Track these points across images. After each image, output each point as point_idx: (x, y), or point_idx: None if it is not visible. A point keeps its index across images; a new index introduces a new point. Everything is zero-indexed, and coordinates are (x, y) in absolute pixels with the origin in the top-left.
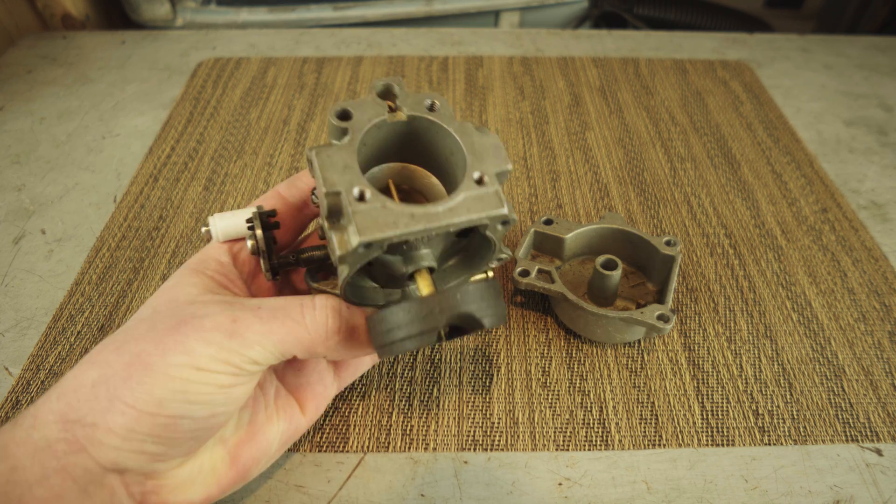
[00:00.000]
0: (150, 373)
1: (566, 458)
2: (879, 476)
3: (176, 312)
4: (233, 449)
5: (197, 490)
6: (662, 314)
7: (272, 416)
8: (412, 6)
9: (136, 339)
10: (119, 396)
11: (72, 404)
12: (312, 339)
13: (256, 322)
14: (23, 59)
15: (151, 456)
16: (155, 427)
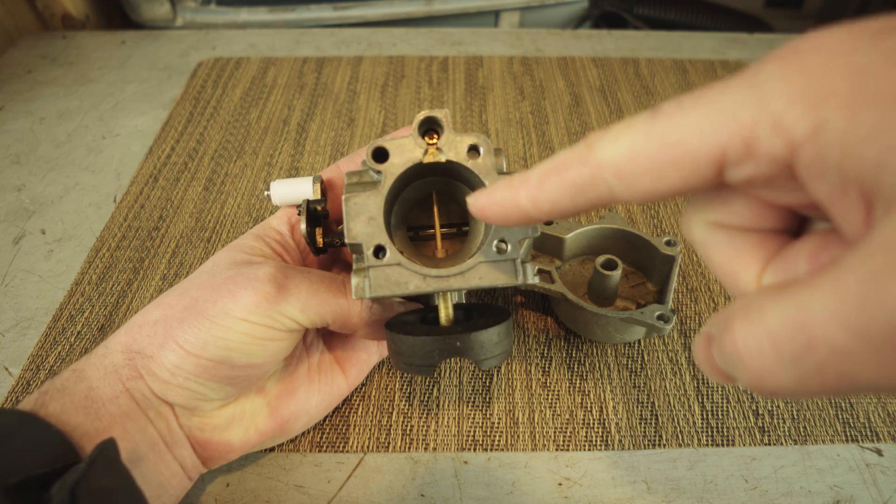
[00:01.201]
0: (201, 318)
1: (566, 458)
2: (879, 476)
3: (234, 266)
4: (273, 400)
5: (237, 433)
6: (662, 314)
7: (314, 377)
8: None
9: (197, 286)
10: (172, 336)
11: (136, 337)
12: (349, 314)
13: (305, 282)
14: (23, 59)
15: (193, 394)
16: (197, 368)
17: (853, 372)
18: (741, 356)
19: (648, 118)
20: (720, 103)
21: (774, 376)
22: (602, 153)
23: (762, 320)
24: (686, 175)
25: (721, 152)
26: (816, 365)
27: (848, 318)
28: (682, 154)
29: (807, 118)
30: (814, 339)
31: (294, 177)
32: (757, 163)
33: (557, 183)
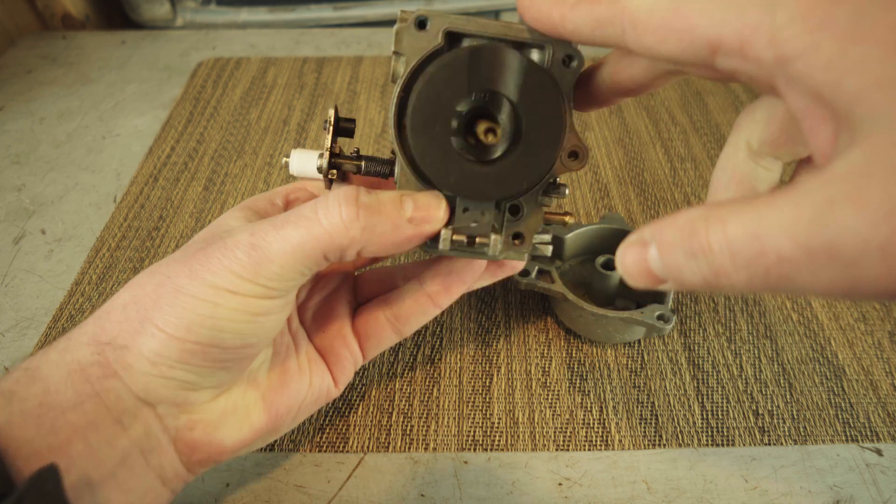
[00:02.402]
0: (180, 295)
1: (566, 458)
2: (879, 476)
3: (207, 238)
4: (266, 393)
5: (231, 431)
6: (662, 314)
7: (304, 369)
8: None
9: (168, 262)
10: (150, 318)
11: (104, 326)
12: (331, 232)
13: (271, 230)
14: (23, 59)
15: (181, 384)
16: (183, 353)
17: (792, 276)
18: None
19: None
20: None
21: (729, 275)
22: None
23: (724, 228)
24: (683, 47)
25: (718, 40)
26: (764, 268)
27: (797, 233)
28: (687, 27)
29: (802, 38)
30: (766, 247)
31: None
32: (744, 61)
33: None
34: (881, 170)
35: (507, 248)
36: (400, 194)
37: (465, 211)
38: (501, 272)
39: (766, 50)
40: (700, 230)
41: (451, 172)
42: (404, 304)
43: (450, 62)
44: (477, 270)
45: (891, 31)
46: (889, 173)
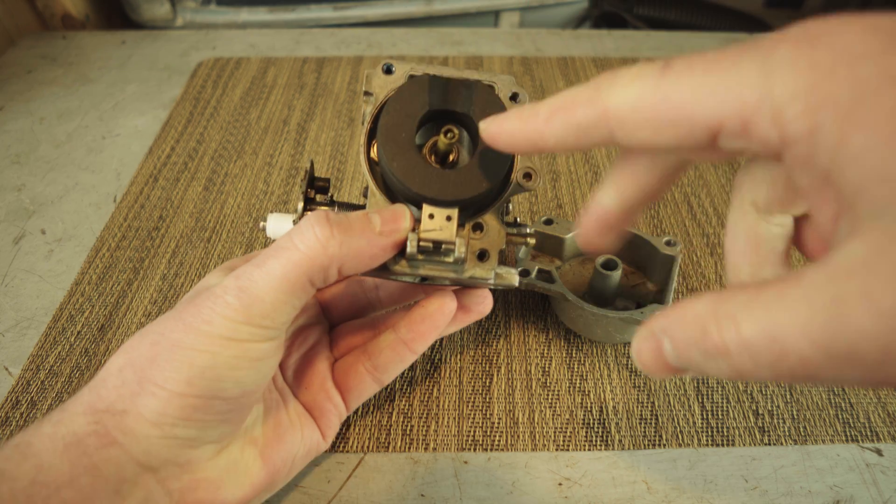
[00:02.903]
0: (177, 349)
1: (566, 458)
2: (879, 476)
3: (194, 294)
4: (263, 449)
5: (233, 488)
6: None
7: (294, 422)
8: (412, 6)
9: (159, 321)
10: (148, 377)
11: (100, 393)
12: (310, 255)
13: (254, 269)
14: (23, 59)
15: (183, 441)
16: (185, 409)
17: (817, 374)
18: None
19: (659, 73)
20: (728, 75)
21: (751, 373)
22: (609, 99)
23: (737, 328)
24: (681, 136)
25: (719, 124)
26: (788, 369)
27: (815, 336)
28: (682, 116)
29: (805, 119)
30: (786, 350)
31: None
32: (749, 142)
33: (564, 120)
34: (887, 269)
35: (473, 264)
36: (366, 211)
37: (431, 217)
38: (468, 317)
39: (771, 129)
40: (711, 330)
41: (417, 174)
42: (382, 354)
43: (414, 83)
44: (447, 313)
45: (891, 116)
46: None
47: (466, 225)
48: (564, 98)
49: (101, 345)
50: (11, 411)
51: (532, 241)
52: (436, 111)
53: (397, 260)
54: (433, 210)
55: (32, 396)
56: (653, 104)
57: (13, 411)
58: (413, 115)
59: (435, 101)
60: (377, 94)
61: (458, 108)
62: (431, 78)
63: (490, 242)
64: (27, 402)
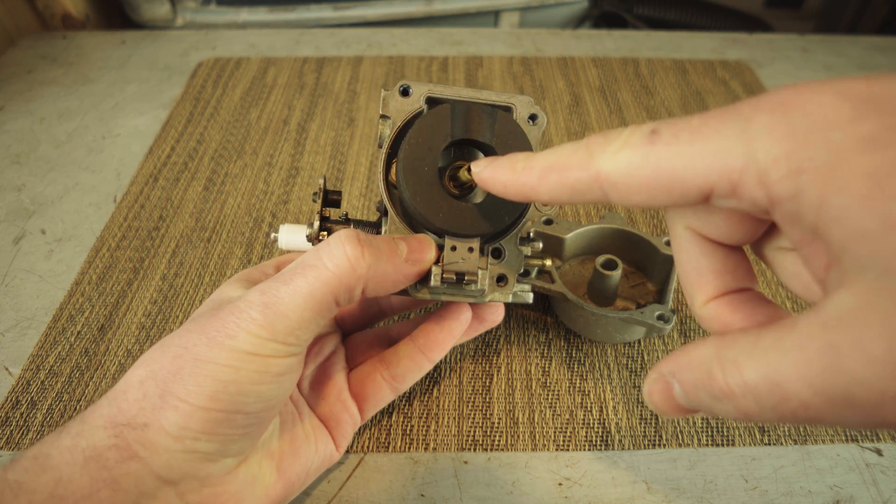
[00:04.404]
0: (200, 363)
1: (566, 458)
2: (879, 476)
3: (213, 308)
4: (279, 462)
5: (251, 502)
6: (662, 314)
7: (310, 435)
8: (412, 6)
9: (180, 333)
10: (170, 391)
11: (121, 406)
12: (339, 274)
13: (282, 286)
14: (23, 59)
15: (204, 456)
16: (208, 423)
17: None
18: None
19: (647, 141)
20: (713, 143)
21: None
22: (601, 164)
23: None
24: (675, 199)
25: (709, 187)
26: (791, 412)
27: (813, 381)
28: (674, 182)
29: (787, 182)
30: (787, 394)
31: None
32: (739, 201)
33: (557, 180)
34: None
35: (493, 289)
36: (393, 237)
37: (454, 249)
38: (482, 326)
39: (758, 190)
40: (717, 374)
41: (441, 209)
42: (401, 364)
43: (435, 114)
44: (464, 322)
45: (863, 178)
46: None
47: (486, 249)
48: (558, 157)
49: (101, 345)
50: (11, 411)
51: (549, 262)
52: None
53: (418, 287)
54: (455, 242)
55: (32, 396)
56: (644, 172)
57: (13, 411)
58: (435, 148)
59: (457, 132)
60: (394, 117)
61: (479, 138)
62: (453, 106)
63: (509, 269)
64: (27, 402)
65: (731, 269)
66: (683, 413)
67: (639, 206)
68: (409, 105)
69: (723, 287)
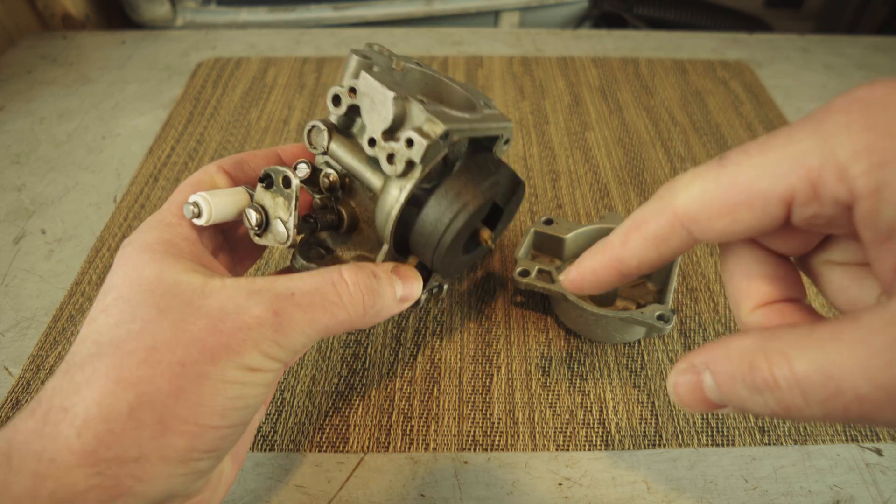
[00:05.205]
0: (207, 382)
1: (566, 458)
2: (879, 476)
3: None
4: (236, 451)
5: (217, 499)
6: (662, 314)
7: None
8: (412, 6)
9: (167, 344)
10: (173, 415)
11: (103, 440)
12: (352, 319)
13: (298, 312)
14: (23, 59)
15: (200, 474)
16: (215, 441)
17: (873, 414)
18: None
19: (715, 166)
20: (787, 149)
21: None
22: (676, 200)
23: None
24: (758, 215)
25: (790, 193)
26: (842, 406)
27: (875, 375)
28: (753, 195)
29: (869, 177)
30: (842, 388)
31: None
32: (821, 204)
33: (640, 238)
34: None
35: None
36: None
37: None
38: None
39: (839, 187)
40: (761, 365)
41: (452, 268)
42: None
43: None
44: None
45: None
46: None
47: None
48: (632, 220)
49: None
50: (11, 411)
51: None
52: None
53: None
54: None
55: (32, 397)
56: (721, 192)
57: (13, 411)
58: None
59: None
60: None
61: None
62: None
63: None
64: (27, 402)
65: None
66: (709, 408)
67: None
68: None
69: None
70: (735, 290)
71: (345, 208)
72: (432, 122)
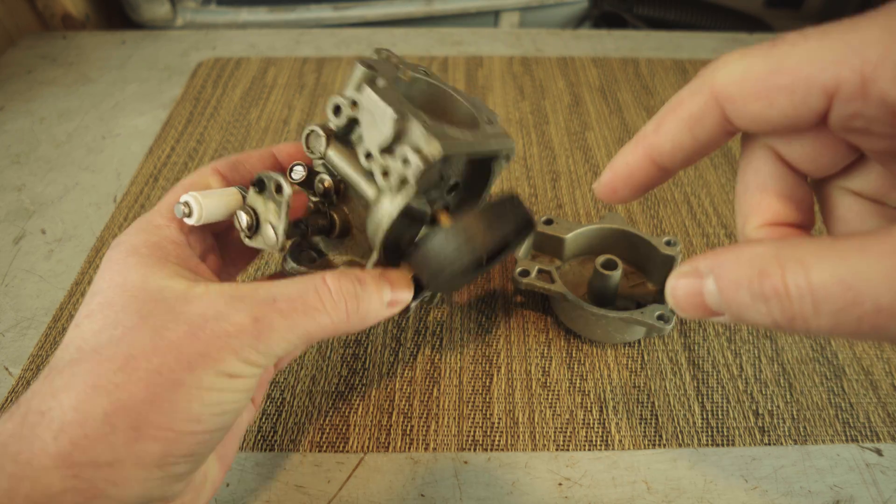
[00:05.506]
0: (182, 389)
1: (566, 458)
2: (879, 476)
3: (176, 313)
4: (222, 454)
5: (203, 499)
6: (662, 314)
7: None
8: (412, 6)
9: (145, 352)
10: (147, 422)
11: (78, 444)
12: (335, 324)
13: (278, 318)
14: (23, 59)
15: (177, 477)
16: (192, 446)
17: (889, 326)
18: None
19: (768, 46)
20: (848, 36)
21: (808, 321)
22: (716, 77)
23: (806, 272)
24: (797, 103)
25: (836, 84)
26: (857, 318)
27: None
28: (797, 79)
29: None
30: (861, 297)
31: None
32: (866, 102)
33: (674, 119)
34: None
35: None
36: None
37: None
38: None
39: (892, 87)
40: (773, 272)
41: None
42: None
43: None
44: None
45: None
46: None
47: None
48: (669, 102)
49: None
50: None
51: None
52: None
53: None
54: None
55: None
56: (766, 73)
57: None
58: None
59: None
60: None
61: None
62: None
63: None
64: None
65: (798, 200)
66: (705, 314)
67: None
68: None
69: (784, 215)
70: (747, 201)
71: (337, 214)
72: (430, 142)
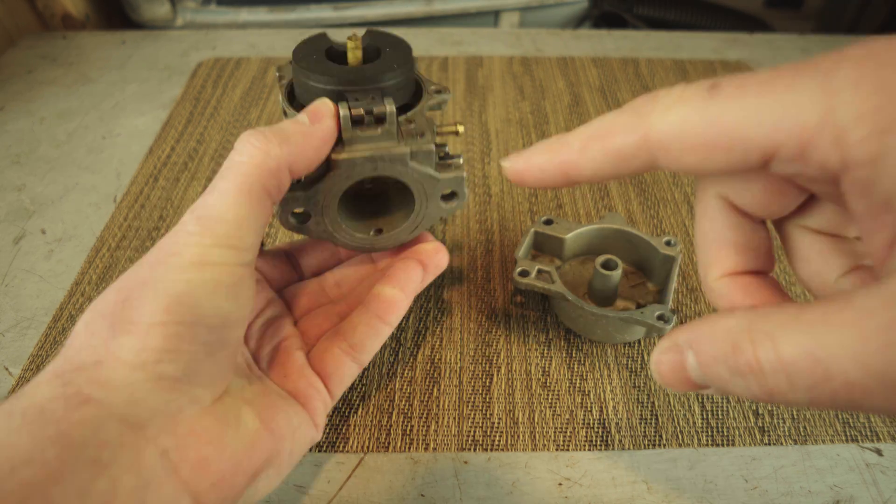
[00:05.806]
0: (147, 286)
1: (566, 458)
2: (879, 476)
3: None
4: (260, 411)
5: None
6: (662, 314)
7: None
8: (412, 6)
9: (121, 278)
10: (120, 319)
11: (67, 356)
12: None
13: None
14: (23, 59)
15: (171, 383)
16: (168, 339)
17: (863, 400)
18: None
19: (706, 94)
20: (786, 96)
21: (784, 395)
22: (651, 124)
23: (775, 347)
24: (733, 160)
25: (774, 147)
26: (830, 392)
27: (867, 361)
28: (735, 140)
29: (869, 143)
30: (830, 372)
31: None
32: (805, 165)
33: (601, 149)
34: None
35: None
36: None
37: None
38: (427, 275)
39: (831, 153)
40: (745, 347)
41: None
42: (357, 332)
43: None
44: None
45: None
46: None
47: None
48: (599, 125)
49: None
50: None
51: (461, 128)
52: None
53: (338, 150)
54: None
55: None
56: (702, 128)
57: None
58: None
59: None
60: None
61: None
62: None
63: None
64: None
65: (754, 248)
66: (692, 388)
67: (691, 169)
68: None
69: (741, 265)
70: (705, 252)
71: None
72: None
